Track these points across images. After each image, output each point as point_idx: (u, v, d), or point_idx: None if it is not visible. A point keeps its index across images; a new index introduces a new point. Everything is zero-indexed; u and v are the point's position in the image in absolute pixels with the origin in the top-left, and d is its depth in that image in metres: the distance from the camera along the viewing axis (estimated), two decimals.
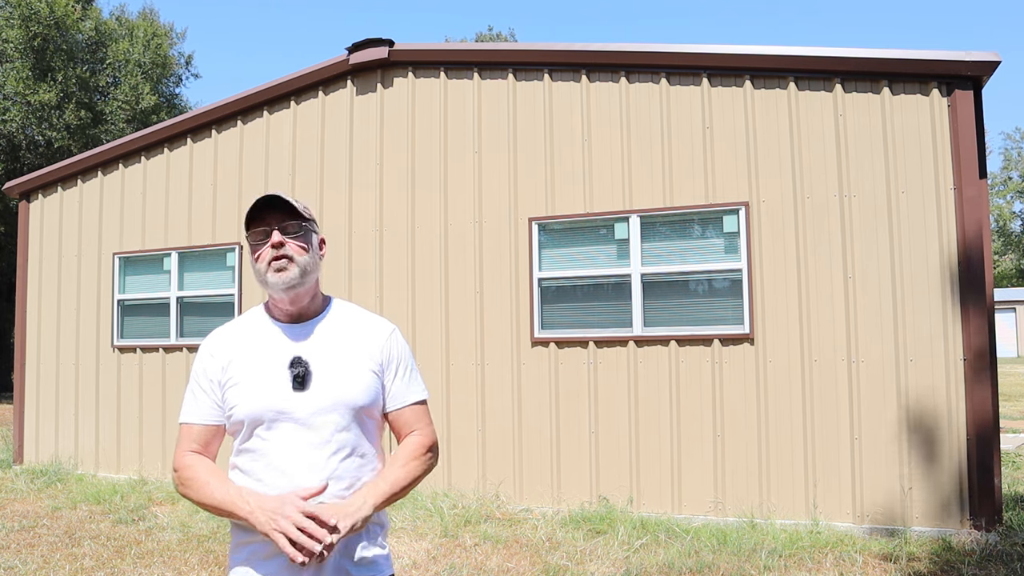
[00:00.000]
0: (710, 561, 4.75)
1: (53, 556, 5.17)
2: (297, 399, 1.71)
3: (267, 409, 1.71)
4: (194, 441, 1.76)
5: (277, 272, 1.73)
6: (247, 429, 1.72)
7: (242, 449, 1.74)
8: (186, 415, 1.79)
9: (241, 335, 1.82)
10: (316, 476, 1.68)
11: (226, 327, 1.86)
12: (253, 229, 1.77)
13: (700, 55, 5.95)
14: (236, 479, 1.74)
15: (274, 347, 1.78)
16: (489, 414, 6.47)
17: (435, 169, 6.85)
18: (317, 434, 1.70)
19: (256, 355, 1.77)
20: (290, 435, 1.70)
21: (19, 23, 19.61)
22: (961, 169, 5.31)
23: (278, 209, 1.76)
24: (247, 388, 1.73)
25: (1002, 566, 4.55)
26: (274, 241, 1.73)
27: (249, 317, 1.87)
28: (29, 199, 8.84)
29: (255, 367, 1.75)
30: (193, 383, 1.80)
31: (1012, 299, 35.26)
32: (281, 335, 1.79)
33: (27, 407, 8.58)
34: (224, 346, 1.80)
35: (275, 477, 1.69)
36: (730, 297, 5.88)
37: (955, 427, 5.24)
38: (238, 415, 1.72)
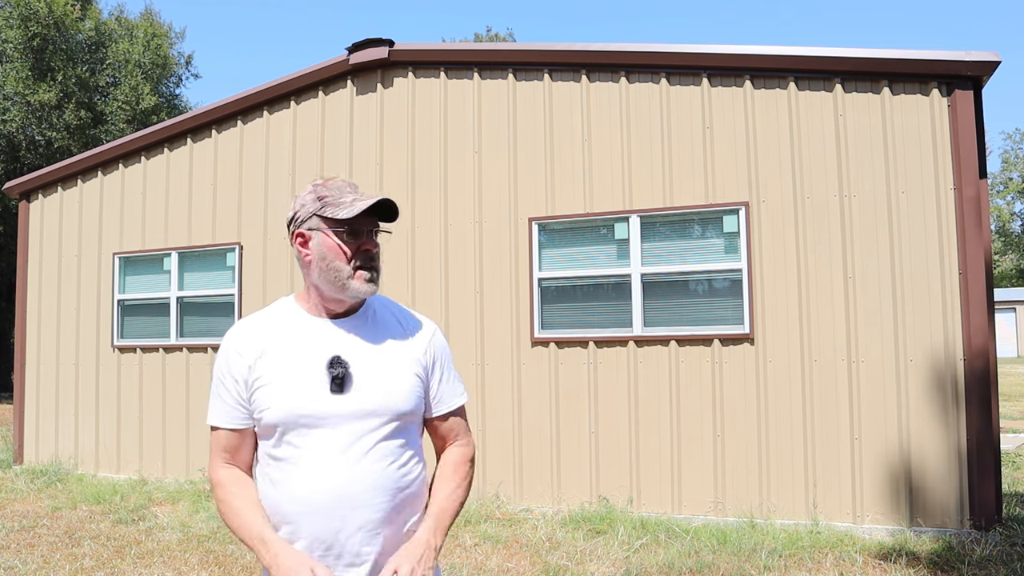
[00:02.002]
0: (710, 561, 4.75)
1: (53, 556, 5.16)
2: (335, 403, 1.57)
3: (302, 413, 1.55)
4: (223, 450, 1.63)
5: (367, 284, 1.62)
6: (279, 434, 1.57)
7: (273, 457, 1.59)
8: (213, 417, 1.64)
9: (271, 330, 1.64)
10: (357, 488, 1.55)
11: (252, 320, 1.68)
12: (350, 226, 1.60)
13: (700, 55, 5.95)
14: (267, 492, 1.60)
15: (310, 345, 1.62)
16: (489, 414, 6.47)
17: (435, 169, 6.85)
18: (358, 442, 1.57)
19: (290, 353, 1.61)
20: (327, 443, 1.55)
21: (19, 23, 19.60)
22: (961, 169, 5.31)
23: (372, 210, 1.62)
24: (279, 389, 1.57)
25: (1002, 566, 4.55)
26: (371, 248, 1.62)
27: (279, 310, 1.70)
28: (29, 199, 8.84)
29: (289, 366, 1.59)
30: (217, 382, 1.64)
31: (1012, 299, 35.26)
32: (318, 332, 1.64)
33: (27, 407, 8.57)
34: (252, 341, 1.62)
35: (309, 492, 1.54)
36: (730, 297, 5.88)
37: (955, 427, 5.24)
38: (269, 418, 1.57)
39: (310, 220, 1.62)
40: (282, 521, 1.57)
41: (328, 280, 1.61)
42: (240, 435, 1.63)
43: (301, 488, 1.55)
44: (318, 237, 1.62)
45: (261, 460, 1.63)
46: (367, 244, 1.62)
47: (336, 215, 1.59)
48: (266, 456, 1.61)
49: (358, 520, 1.55)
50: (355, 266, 1.60)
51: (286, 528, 1.56)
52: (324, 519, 1.54)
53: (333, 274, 1.60)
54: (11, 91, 19.44)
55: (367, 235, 1.63)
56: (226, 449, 1.63)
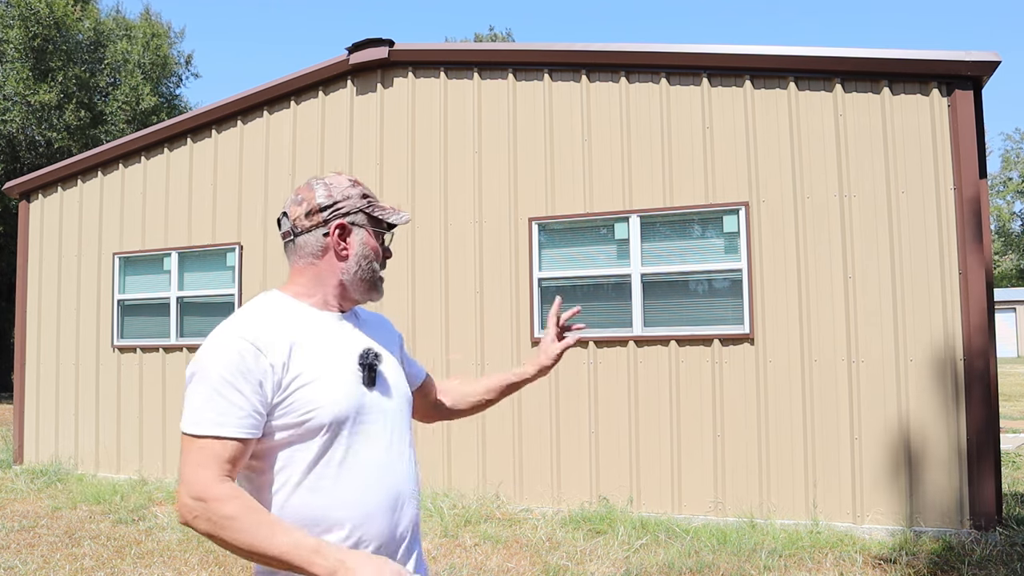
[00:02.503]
0: (710, 561, 4.75)
1: (53, 556, 5.16)
2: (374, 397, 1.54)
3: (356, 409, 1.48)
4: (226, 461, 1.37)
5: (382, 288, 1.69)
6: (327, 435, 1.44)
7: (315, 461, 1.44)
8: (214, 424, 1.37)
9: (291, 325, 1.50)
10: (408, 482, 1.56)
11: (258, 315, 1.50)
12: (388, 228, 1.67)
13: (700, 55, 5.95)
14: (306, 502, 1.43)
15: (333, 340, 1.54)
16: (489, 414, 6.46)
17: (435, 169, 6.85)
18: (396, 435, 1.57)
19: (320, 346, 1.51)
20: (374, 439, 1.51)
21: (19, 23, 19.61)
22: (961, 169, 5.31)
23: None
24: (327, 385, 1.45)
25: (1002, 566, 4.55)
26: (390, 256, 1.69)
27: (279, 305, 1.55)
28: (29, 199, 8.84)
29: (326, 362, 1.49)
30: (222, 384, 1.39)
31: (1012, 299, 35.27)
32: (334, 326, 1.58)
33: (27, 407, 8.58)
34: (274, 338, 1.45)
35: (367, 493, 1.47)
36: (730, 297, 5.88)
37: (955, 427, 5.24)
38: (321, 418, 1.43)
39: (356, 215, 1.59)
40: (327, 530, 1.43)
41: (362, 278, 1.60)
42: (247, 446, 1.41)
43: (357, 490, 1.46)
44: (361, 234, 1.59)
45: (289, 468, 1.45)
46: (388, 253, 1.67)
47: (387, 218, 1.61)
48: (305, 464, 1.44)
49: (409, 515, 1.57)
50: (381, 269, 1.66)
51: (334, 535, 1.43)
52: (385, 519, 1.49)
53: (370, 274, 1.61)
54: (11, 91, 19.44)
55: (389, 247, 1.69)
56: (229, 461, 1.38)
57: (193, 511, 1.32)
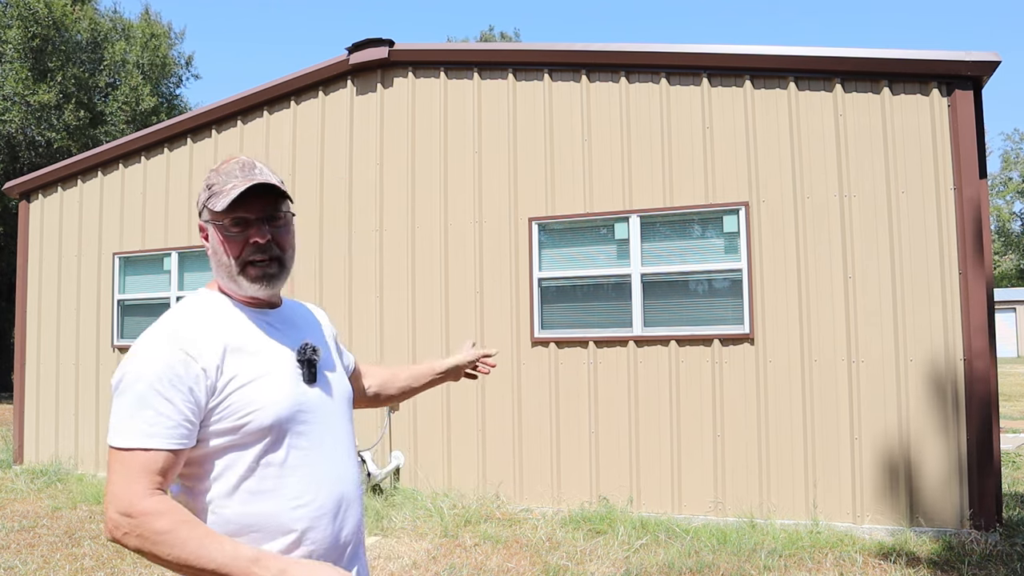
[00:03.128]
0: (710, 561, 4.75)
1: (53, 556, 5.16)
2: (315, 394, 1.46)
3: (299, 408, 1.41)
4: (156, 473, 1.28)
5: (260, 280, 1.44)
6: (270, 438, 1.38)
7: (257, 465, 1.37)
8: (142, 437, 1.29)
9: (222, 324, 1.42)
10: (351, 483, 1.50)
11: (186, 317, 1.42)
12: (230, 215, 1.41)
13: (700, 55, 5.95)
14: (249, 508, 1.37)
15: (270, 337, 1.46)
16: (489, 414, 6.47)
17: (435, 169, 6.85)
18: (338, 433, 1.50)
19: (256, 347, 1.42)
20: (317, 439, 1.44)
21: (17, 23, 19.61)
22: (961, 169, 5.31)
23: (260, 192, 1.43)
24: (264, 385, 1.38)
25: (1002, 566, 4.55)
26: (259, 239, 1.43)
27: (209, 303, 1.47)
28: (29, 199, 8.84)
29: (262, 362, 1.41)
30: (150, 394, 1.30)
31: (1012, 299, 35.26)
32: (268, 323, 1.49)
33: (27, 407, 8.57)
34: (205, 340, 1.37)
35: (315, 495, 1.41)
36: (730, 297, 5.88)
37: (955, 427, 5.24)
38: (262, 420, 1.36)
39: (203, 212, 1.46)
40: (271, 538, 1.37)
41: (223, 276, 1.46)
42: (178, 456, 1.32)
43: (301, 494, 1.39)
44: (210, 230, 1.46)
45: (227, 473, 1.37)
46: (256, 234, 1.42)
47: (216, 206, 1.41)
48: (243, 467, 1.37)
49: (353, 519, 1.51)
50: (245, 260, 1.43)
51: (278, 543, 1.37)
52: (331, 522, 1.44)
53: (224, 270, 1.45)
54: (11, 91, 19.44)
55: (257, 223, 1.43)
56: (160, 473, 1.29)
57: (121, 527, 1.25)
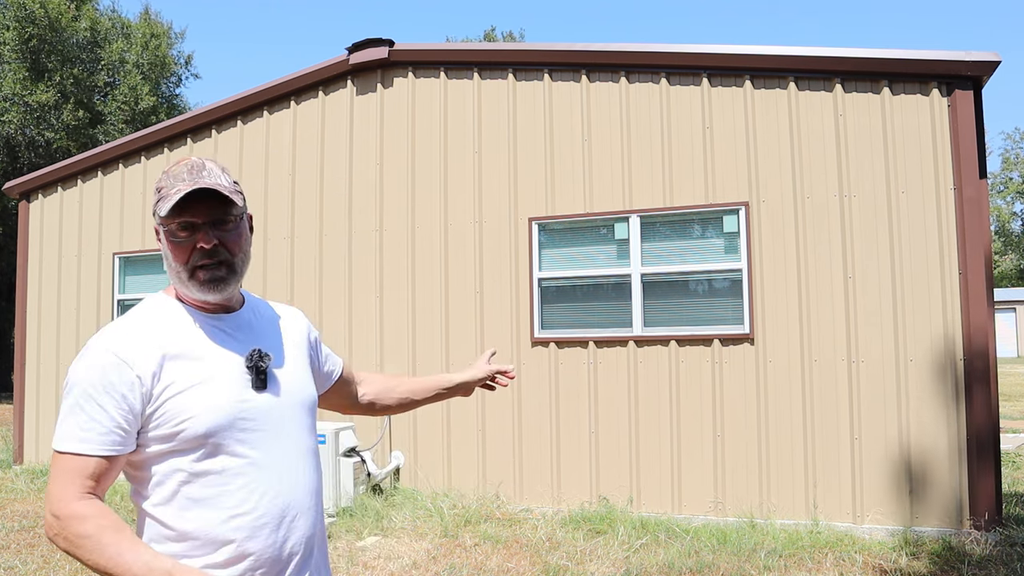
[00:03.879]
0: (710, 561, 4.75)
1: (53, 556, 5.16)
2: (262, 400, 1.43)
3: (236, 416, 1.38)
4: (88, 478, 1.30)
5: (207, 284, 1.41)
6: (205, 446, 1.36)
7: (195, 473, 1.35)
8: (74, 442, 1.30)
9: (163, 330, 1.40)
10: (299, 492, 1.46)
11: (130, 323, 1.41)
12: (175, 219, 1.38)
13: (700, 55, 5.95)
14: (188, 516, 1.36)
15: (217, 342, 1.44)
16: (489, 414, 6.47)
17: (435, 169, 6.85)
18: (289, 441, 1.46)
19: (196, 353, 1.40)
20: (262, 446, 1.41)
21: (14, 24, 19.62)
22: (961, 169, 5.31)
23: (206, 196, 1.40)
24: (202, 393, 1.36)
25: (1002, 566, 4.55)
26: (205, 244, 1.40)
27: (157, 311, 1.45)
28: (29, 199, 8.84)
29: (204, 367, 1.39)
30: (84, 398, 1.32)
31: (1012, 299, 35.27)
32: (218, 328, 1.46)
33: (27, 407, 8.57)
34: (143, 347, 1.36)
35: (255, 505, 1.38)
36: (730, 297, 5.88)
37: (955, 427, 5.24)
38: (195, 428, 1.34)
39: (155, 217, 1.43)
40: (211, 548, 1.36)
41: (175, 280, 1.44)
42: (112, 463, 1.32)
43: (244, 503, 1.37)
44: (161, 234, 1.44)
45: (167, 482, 1.37)
46: (201, 239, 1.39)
47: (161, 211, 1.39)
48: (185, 473, 1.36)
49: (301, 529, 1.46)
50: (193, 265, 1.40)
51: (227, 548, 1.36)
52: (273, 533, 1.40)
53: (175, 275, 1.43)
54: (9, 92, 19.44)
55: (204, 227, 1.40)
56: (92, 477, 1.30)
57: (53, 528, 1.28)
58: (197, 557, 1.35)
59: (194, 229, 1.40)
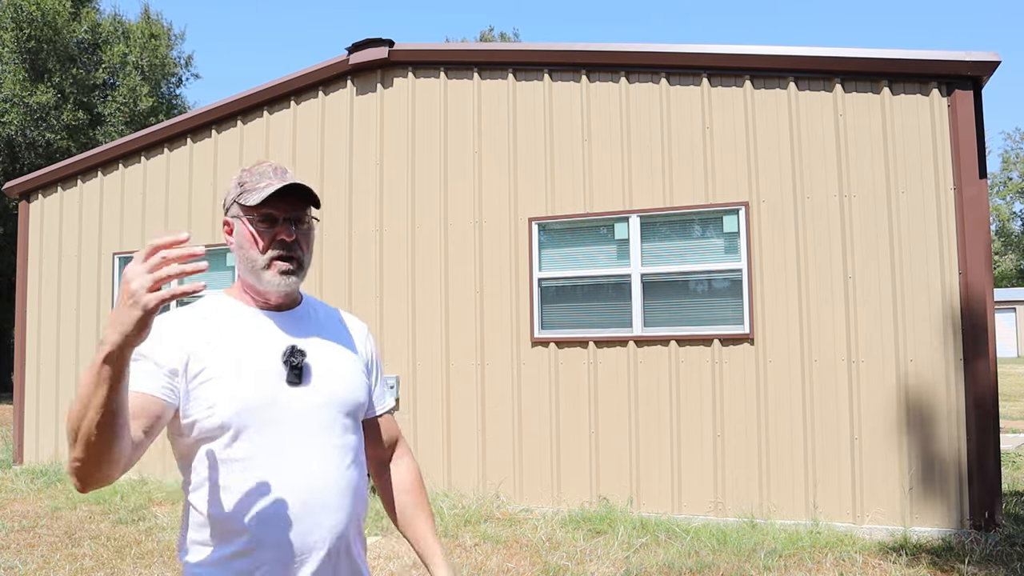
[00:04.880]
0: (710, 561, 4.75)
1: (53, 556, 5.16)
2: (295, 395, 1.47)
3: (260, 406, 1.42)
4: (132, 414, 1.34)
5: (282, 276, 1.49)
6: (231, 434, 1.40)
7: (224, 460, 1.41)
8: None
9: (209, 322, 1.49)
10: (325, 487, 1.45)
11: (182, 313, 1.49)
12: (260, 212, 1.48)
13: (700, 55, 5.95)
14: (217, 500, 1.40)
15: (258, 336, 1.50)
16: (489, 414, 6.47)
17: (435, 169, 6.85)
18: (320, 437, 1.48)
19: (237, 344, 1.46)
20: (289, 439, 1.44)
21: (11, 25, 19.62)
22: (961, 169, 5.31)
23: (291, 192, 1.49)
24: (231, 382, 1.41)
25: (1002, 566, 4.55)
26: (287, 238, 1.49)
27: (211, 303, 1.54)
28: (29, 199, 8.84)
29: (238, 358, 1.44)
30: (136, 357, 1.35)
31: (1012, 299, 35.27)
32: (265, 323, 1.52)
33: (27, 407, 8.57)
34: (190, 331, 1.45)
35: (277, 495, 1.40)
36: (730, 297, 5.88)
37: (955, 427, 5.24)
38: (221, 414, 1.39)
39: (232, 207, 1.53)
40: (237, 530, 1.39)
41: (245, 270, 1.51)
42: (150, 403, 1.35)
43: (259, 492, 1.40)
44: (237, 225, 1.52)
45: (201, 470, 1.43)
46: (283, 232, 1.49)
47: (247, 201, 1.48)
48: (213, 460, 1.42)
49: (328, 524, 1.46)
50: (271, 256, 1.49)
51: (243, 538, 1.39)
52: (287, 526, 1.41)
53: (249, 264, 1.50)
54: (9, 93, 19.45)
55: (285, 223, 1.49)
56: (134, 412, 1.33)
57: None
58: (218, 544, 1.40)
59: (273, 223, 1.49)
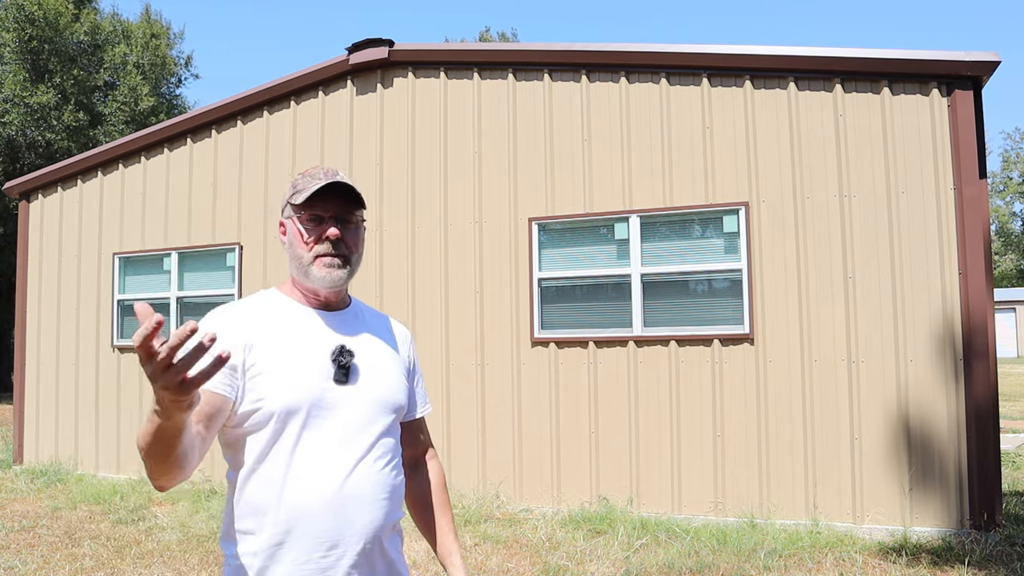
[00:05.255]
0: (710, 561, 4.75)
1: (53, 556, 5.16)
2: (341, 393, 1.51)
3: (307, 402, 1.47)
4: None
5: (327, 269, 1.55)
6: (276, 427, 1.47)
7: (266, 452, 1.47)
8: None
9: (262, 317, 1.55)
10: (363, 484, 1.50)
11: (236, 307, 1.56)
12: (308, 211, 1.55)
13: (700, 55, 5.95)
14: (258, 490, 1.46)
15: (307, 334, 1.56)
16: (489, 414, 6.47)
17: (435, 169, 6.85)
18: (361, 435, 1.53)
19: (287, 341, 1.52)
20: (331, 435, 1.49)
21: (14, 25, 19.62)
22: (961, 169, 5.31)
23: (339, 193, 1.56)
24: (282, 377, 1.47)
25: (1002, 566, 4.55)
26: (332, 234, 1.54)
27: (264, 299, 1.61)
28: (29, 199, 8.84)
29: (287, 354, 1.50)
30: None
31: (1012, 299, 35.26)
32: (313, 321, 1.59)
33: (27, 407, 8.57)
34: (242, 325, 1.51)
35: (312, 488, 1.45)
36: (730, 297, 5.88)
37: (955, 427, 5.24)
38: (269, 407, 1.45)
39: (285, 209, 1.61)
40: (276, 520, 1.45)
41: (295, 267, 1.58)
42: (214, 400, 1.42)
43: (298, 483, 1.45)
44: (289, 225, 1.60)
45: (249, 460, 1.49)
46: (330, 235, 1.54)
47: (296, 201, 1.55)
48: (258, 451, 1.48)
49: (364, 519, 1.50)
50: (316, 252, 1.55)
51: (280, 528, 1.45)
52: (329, 517, 1.46)
53: (297, 261, 1.57)
54: (10, 93, 19.45)
55: (330, 221, 1.55)
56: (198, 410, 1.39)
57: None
58: (258, 531, 1.46)
59: (320, 221, 1.55)
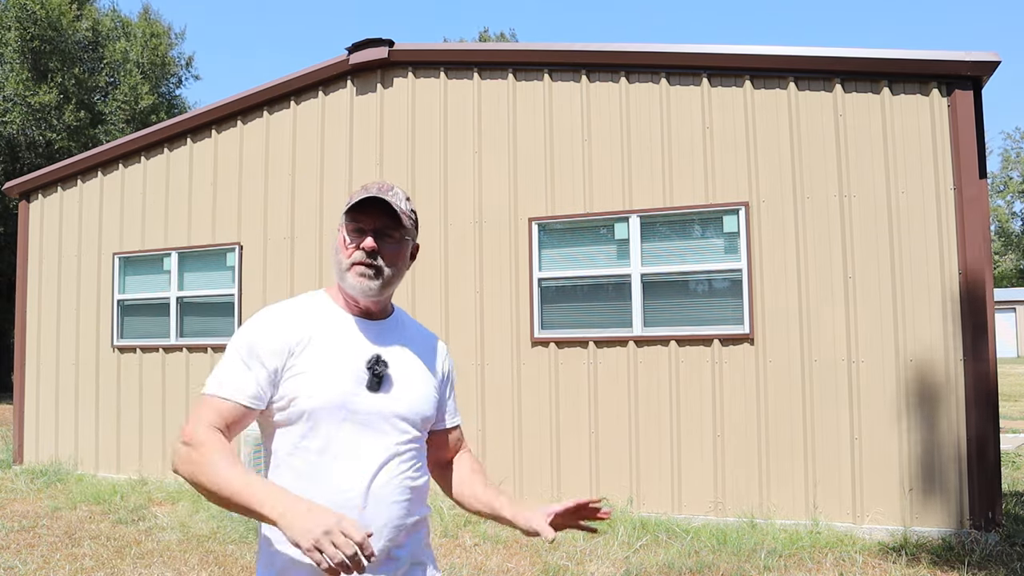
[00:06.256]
0: (710, 561, 4.75)
1: (53, 556, 5.16)
2: (371, 400, 1.59)
3: (340, 405, 1.56)
4: (221, 417, 1.51)
5: (360, 277, 1.61)
6: (309, 424, 1.55)
7: (300, 447, 1.56)
8: (222, 387, 1.53)
9: (309, 320, 1.63)
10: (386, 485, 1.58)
11: (285, 308, 1.66)
12: (353, 223, 1.63)
13: (700, 55, 5.95)
14: (283, 480, 1.55)
15: (347, 340, 1.64)
16: (489, 414, 6.47)
17: (435, 169, 6.85)
18: (387, 441, 1.60)
19: (329, 345, 1.61)
20: (359, 438, 1.57)
21: (16, 25, 19.62)
22: (961, 169, 5.31)
23: (384, 208, 1.63)
24: (317, 378, 1.56)
25: (1002, 566, 4.55)
26: (366, 245, 1.61)
27: (311, 302, 1.70)
28: (29, 199, 8.84)
29: (327, 358, 1.59)
30: (238, 355, 1.56)
31: (1012, 299, 35.26)
32: (355, 329, 1.66)
33: (27, 407, 8.57)
34: (290, 328, 1.60)
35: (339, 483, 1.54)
36: (730, 297, 5.88)
37: (955, 427, 5.24)
38: (302, 406, 1.54)
39: (342, 218, 1.68)
40: None
41: (336, 272, 1.66)
42: (243, 413, 1.53)
43: (324, 481, 1.54)
44: (339, 231, 1.69)
45: (280, 450, 1.59)
46: (365, 246, 1.61)
47: (345, 209, 1.64)
48: (290, 445, 1.57)
49: (384, 517, 1.57)
50: (352, 261, 1.62)
51: None
52: (356, 514, 1.54)
53: (337, 266, 1.65)
54: (11, 92, 19.44)
55: (371, 233, 1.62)
56: (224, 420, 1.51)
57: (179, 454, 1.46)
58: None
59: (363, 233, 1.62)
